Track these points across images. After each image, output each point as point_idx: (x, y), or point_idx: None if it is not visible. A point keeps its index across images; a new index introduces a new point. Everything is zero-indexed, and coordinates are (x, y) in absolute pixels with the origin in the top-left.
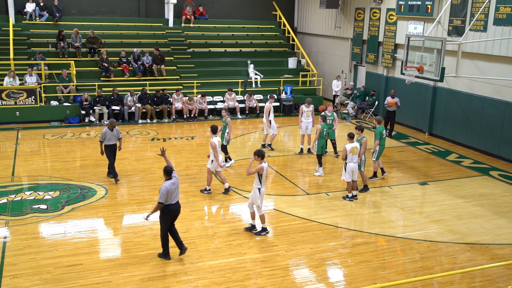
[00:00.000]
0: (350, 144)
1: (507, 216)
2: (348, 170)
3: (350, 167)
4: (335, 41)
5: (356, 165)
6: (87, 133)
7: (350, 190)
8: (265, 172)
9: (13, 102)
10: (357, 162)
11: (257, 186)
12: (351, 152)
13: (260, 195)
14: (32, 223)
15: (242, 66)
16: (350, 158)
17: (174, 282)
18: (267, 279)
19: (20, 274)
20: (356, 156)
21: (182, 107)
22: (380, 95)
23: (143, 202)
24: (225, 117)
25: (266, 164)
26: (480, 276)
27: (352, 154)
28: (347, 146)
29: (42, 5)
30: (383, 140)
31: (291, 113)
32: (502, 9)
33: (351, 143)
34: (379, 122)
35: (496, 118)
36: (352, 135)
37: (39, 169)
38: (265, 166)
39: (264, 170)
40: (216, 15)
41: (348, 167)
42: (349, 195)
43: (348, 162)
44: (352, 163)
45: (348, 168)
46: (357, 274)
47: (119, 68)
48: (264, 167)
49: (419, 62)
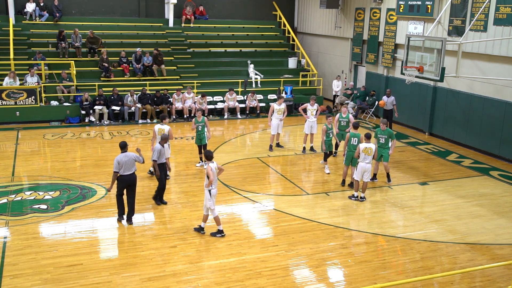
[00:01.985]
0: (364, 143)
1: (507, 216)
2: (359, 169)
3: (361, 166)
4: (335, 41)
5: (369, 166)
6: (87, 133)
7: (357, 189)
8: (214, 172)
9: (13, 102)
10: (370, 163)
11: (207, 188)
12: (364, 151)
13: (211, 196)
14: (32, 223)
15: (242, 66)
16: (363, 157)
17: (174, 282)
18: (267, 279)
19: (20, 274)
20: (369, 157)
21: (182, 107)
22: (380, 95)
23: (143, 202)
24: (200, 118)
25: (215, 164)
26: (480, 276)
27: (365, 154)
28: (361, 146)
29: (42, 5)
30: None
31: (291, 113)
32: (502, 9)
33: (367, 143)
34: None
35: (496, 118)
36: (369, 135)
37: (39, 169)
38: (212, 167)
39: (214, 170)
40: (216, 15)
41: (359, 167)
42: (355, 195)
43: (361, 161)
44: (364, 163)
45: (359, 168)
46: (357, 274)
47: (119, 68)
48: (212, 167)
49: (419, 62)
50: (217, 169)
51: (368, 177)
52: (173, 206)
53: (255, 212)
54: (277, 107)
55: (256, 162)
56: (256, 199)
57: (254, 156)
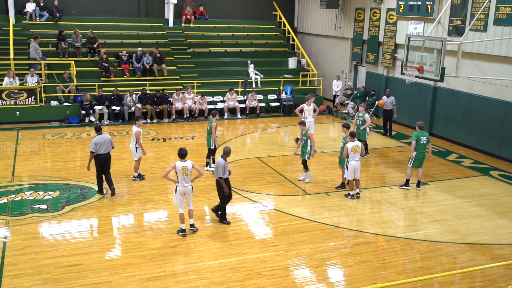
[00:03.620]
0: (351, 142)
1: (507, 216)
2: (350, 168)
3: (352, 165)
4: (335, 41)
5: (358, 163)
6: (87, 133)
7: (352, 188)
8: (179, 170)
9: (13, 102)
10: (359, 160)
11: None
12: (352, 150)
13: (176, 194)
14: (32, 223)
15: (242, 66)
16: (352, 156)
17: (174, 282)
18: (267, 279)
19: (20, 274)
20: (357, 155)
21: (182, 107)
22: (380, 95)
23: (143, 202)
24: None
25: (180, 163)
26: (480, 276)
27: (354, 153)
28: (348, 145)
29: (42, 5)
30: (420, 146)
31: (291, 113)
32: (502, 9)
33: (353, 141)
34: (420, 128)
35: (496, 118)
36: (354, 133)
37: (39, 169)
38: (177, 165)
39: (178, 168)
40: (216, 15)
41: (350, 165)
42: (351, 193)
43: (350, 160)
44: (354, 162)
45: (350, 167)
46: (357, 274)
47: (119, 68)
48: (177, 165)
49: (419, 62)
50: (189, 170)
51: (358, 174)
52: (173, 206)
53: (255, 212)
54: (306, 108)
55: (256, 162)
56: (256, 199)
57: (254, 156)
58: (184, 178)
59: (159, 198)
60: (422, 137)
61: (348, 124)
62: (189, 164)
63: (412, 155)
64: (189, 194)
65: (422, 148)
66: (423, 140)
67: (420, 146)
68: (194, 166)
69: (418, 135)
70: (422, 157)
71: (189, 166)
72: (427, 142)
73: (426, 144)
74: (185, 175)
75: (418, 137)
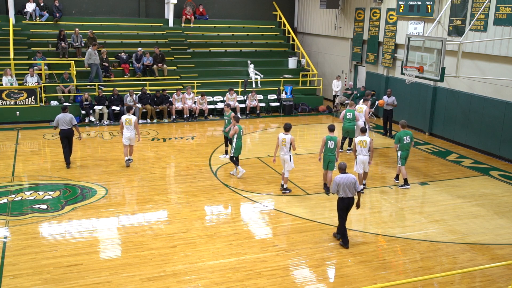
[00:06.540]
0: (359, 137)
1: (507, 216)
2: (358, 162)
3: (360, 159)
4: (335, 41)
5: (366, 157)
6: (87, 133)
7: (361, 182)
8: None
9: (13, 102)
10: (367, 154)
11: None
12: (359, 144)
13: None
14: (32, 223)
15: (242, 66)
16: (360, 150)
17: (174, 282)
18: (267, 279)
19: (20, 274)
20: (365, 149)
21: (182, 107)
22: (380, 95)
23: (143, 202)
24: (228, 112)
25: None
26: (480, 276)
27: (361, 147)
28: (356, 139)
29: (42, 5)
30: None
31: (291, 113)
32: (502, 9)
33: (361, 136)
34: (403, 126)
35: (497, 118)
36: (364, 129)
37: (39, 169)
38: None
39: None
40: (216, 15)
41: (358, 160)
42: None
43: (358, 154)
44: (361, 156)
45: (358, 161)
46: (357, 274)
47: (119, 68)
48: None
49: (419, 62)
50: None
51: (367, 167)
52: (173, 206)
53: (255, 212)
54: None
55: (256, 162)
56: (256, 199)
57: (254, 156)
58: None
59: (159, 198)
60: (404, 136)
61: (333, 126)
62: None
63: (398, 155)
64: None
65: (406, 147)
66: (406, 140)
67: (404, 145)
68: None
69: (401, 135)
70: (406, 155)
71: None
72: (410, 141)
73: (410, 143)
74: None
75: (400, 137)
